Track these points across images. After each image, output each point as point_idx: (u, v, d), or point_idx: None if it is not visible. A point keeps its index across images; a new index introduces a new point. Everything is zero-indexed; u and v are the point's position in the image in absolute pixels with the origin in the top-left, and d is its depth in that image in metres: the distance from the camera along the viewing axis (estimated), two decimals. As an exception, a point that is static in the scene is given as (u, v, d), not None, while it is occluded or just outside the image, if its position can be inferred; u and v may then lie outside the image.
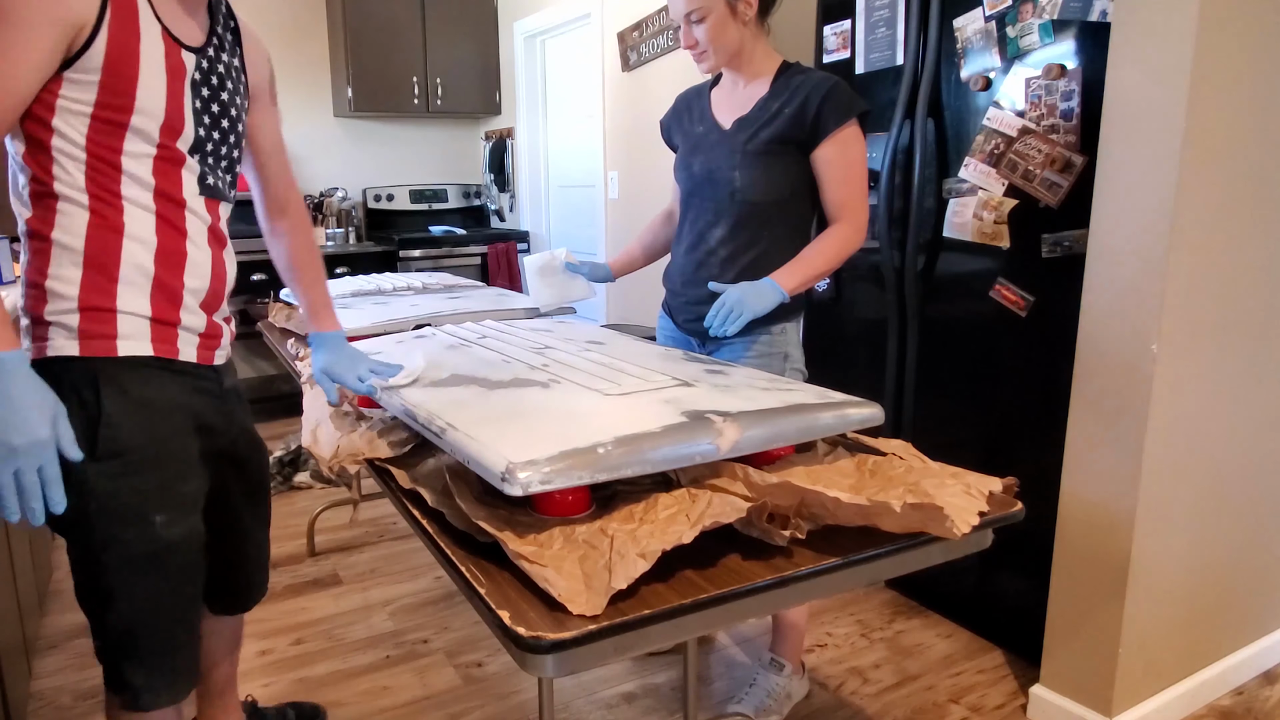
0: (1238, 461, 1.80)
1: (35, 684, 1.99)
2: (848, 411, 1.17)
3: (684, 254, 1.74)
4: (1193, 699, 1.85)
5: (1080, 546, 1.72)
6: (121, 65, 1.04)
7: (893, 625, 2.24)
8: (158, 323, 1.13)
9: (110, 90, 1.05)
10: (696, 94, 1.78)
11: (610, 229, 3.83)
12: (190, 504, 1.18)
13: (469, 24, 4.55)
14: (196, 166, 1.16)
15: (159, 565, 1.14)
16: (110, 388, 1.08)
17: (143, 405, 1.11)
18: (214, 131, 1.18)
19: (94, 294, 1.08)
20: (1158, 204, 1.53)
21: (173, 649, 1.19)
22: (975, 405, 2.07)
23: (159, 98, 1.08)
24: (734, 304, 1.50)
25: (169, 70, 1.09)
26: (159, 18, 1.08)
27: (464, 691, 1.97)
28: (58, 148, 1.06)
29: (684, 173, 1.73)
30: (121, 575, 1.12)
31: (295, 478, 3.32)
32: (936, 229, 2.09)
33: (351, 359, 1.37)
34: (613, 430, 1.01)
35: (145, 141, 1.09)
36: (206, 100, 1.16)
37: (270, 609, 2.35)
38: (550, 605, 0.86)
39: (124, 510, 1.10)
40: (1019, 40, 1.86)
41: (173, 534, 1.14)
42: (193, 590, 1.21)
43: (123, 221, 1.09)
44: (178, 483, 1.15)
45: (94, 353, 1.08)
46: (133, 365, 1.10)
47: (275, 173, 1.40)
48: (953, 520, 0.96)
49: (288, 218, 1.43)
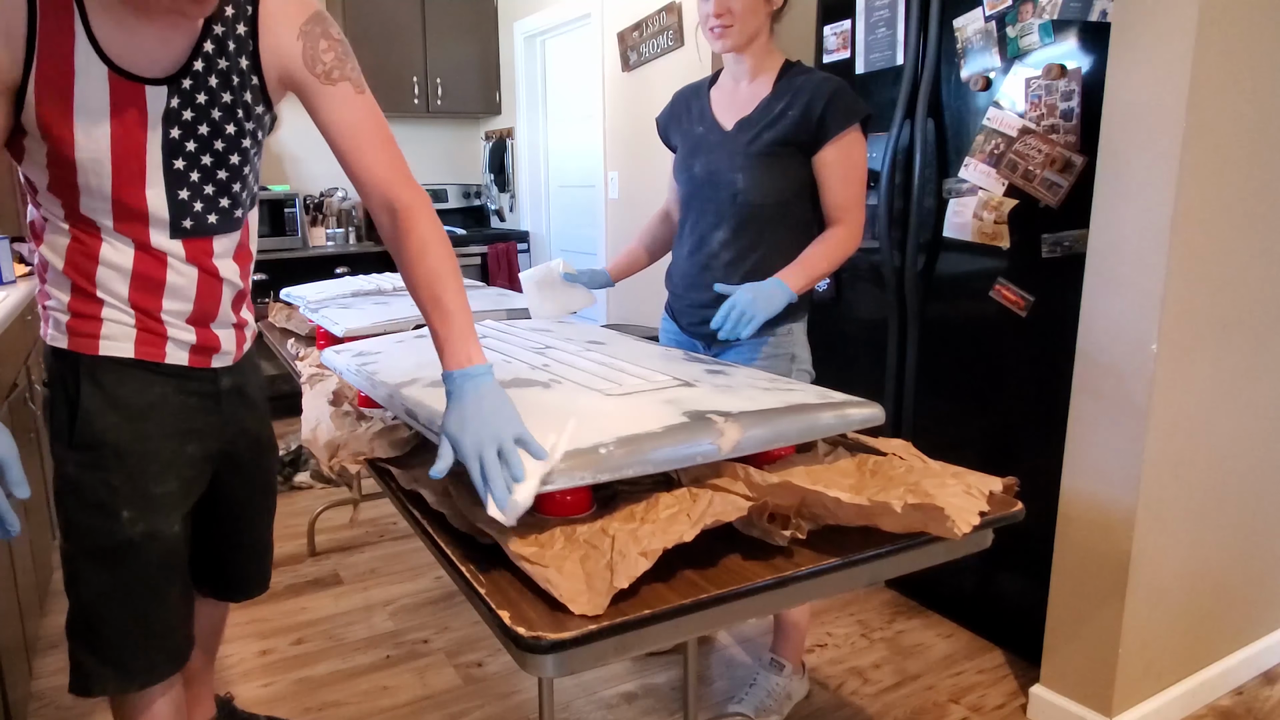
0: (1238, 461, 1.80)
1: (35, 684, 1.99)
2: (848, 412, 1.17)
3: (686, 257, 1.73)
4: (1193, 699, 1.86)
5: (1080, 546, 1.72)
6: (52, 120, 0.94)
7: (893, 625, 2.24)
8: (143, 330, 1.11)
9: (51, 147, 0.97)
10: (694, 93, 1.75)
11: (610, 229, 3.83)
12: (161, 505, 1.15)
13: (469, 24, 4.55)
14: (166, 215, 1.06)
15: (118, 560, 1.13)
16: (89, 383, 1.09)
17: (118, 404, 1.11)
18: (200, 160, 1.07)
19: (79, 303, 1.10)
20: (1158, 204, 1.53)
21: (123, 642, 1.17)
22: (975, 405, 2.07)
23: (98, 146, 0.97)
24: (745, 306, 1.48)
25: (114, 110, 0.97)
26: (104, 56, 0.96)
27: (464, 691, 1.97)
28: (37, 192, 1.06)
29: (684, 174, 1.71)
30: (80, 562, 1.14)
31: (295, 478, 3.31)
32: (936, 229, 2.09)
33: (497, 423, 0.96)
34: (614, 430, 1.01)
35: (99, 198, 1.02)
36: (189, 126, 1.04)
37: (270, 609, 2.35)
38: (550, 605, 0.86)
39: (91, 501, 1.11)
40: (1019, 40, 1.86)
41: (136, 531, 1.13)
42: (155, 589, 1.17)
43: (99, 251, 1.06)
44: (149, 483, 1.14)
45: (79, 349, 1.10)
46: (114, 365, 1.11)
47: (364, 165, 1.10)
48: (953, 520, 0.96)
49: (399, 222, 1.09)
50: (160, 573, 1.18)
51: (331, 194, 4.57)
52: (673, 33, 3.17)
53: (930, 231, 2.11)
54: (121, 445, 1.11)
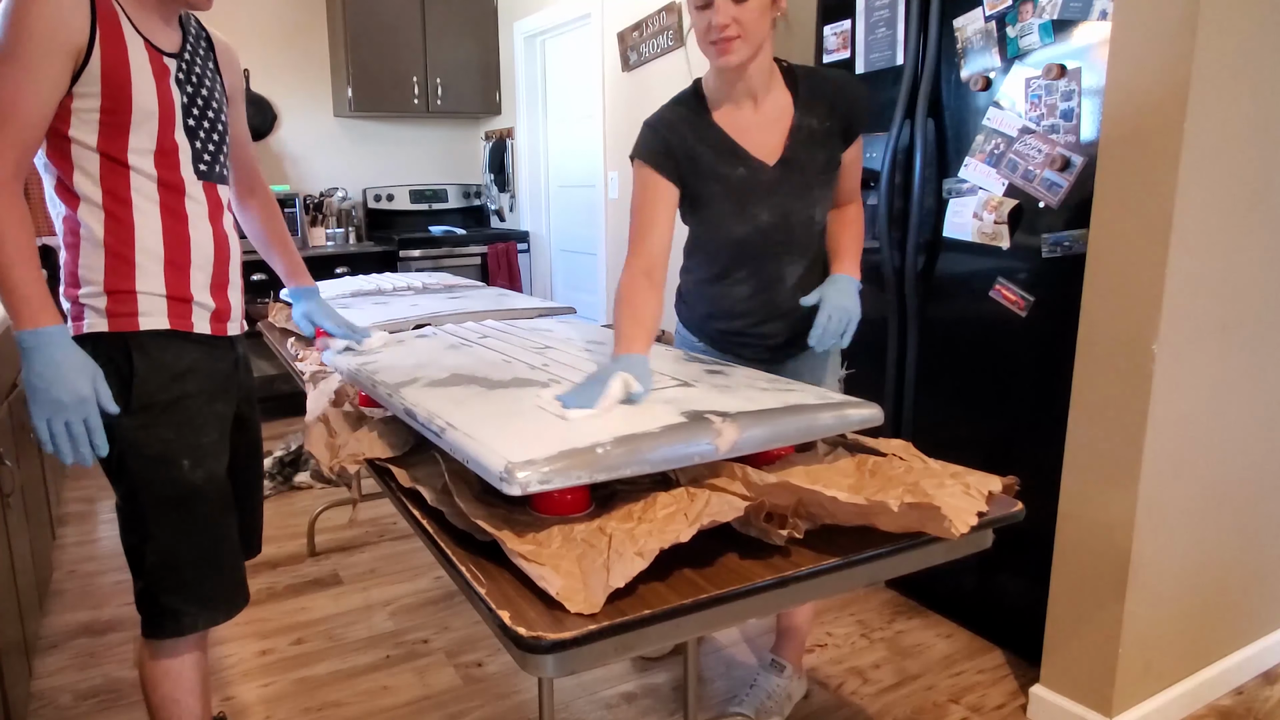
0: (1238, 461, 1.80)
1: (35, 684, 1.99)
2: (847, 412, 1.17)
3: (749, 297, 1.60)
4: (1193, 699, 1.85)
5: (1080, 546, 1.72)
6: (115, 73, 1.21)
7: (893, 625, 2.24)
8: (173, 299, 1.30)
9: (111, 96, 1.22)
10: (690, 128, 1.52)
11: (610, 229, 3.83)
12: (210, 452, 1.34)
13: (469, 24, 4.55)
14: (189, 152, 1.32)
15: (187, 504, 1.32)
16: (139, 353, 1.27)
17: (164, 367, 1.29)
18: (202, 121, 1.34)
19: (116, 279, 1.26)
20: (1158, 204, 1.53)
21: (204, 578, 1.35)
22: (975, 405, 2.07)
23: (151, 96, 1.25)
24: (839, 313, 1.46)
25: (155, 73, 1.26)
26: (139, 31, 1.25)
27: (464, 691, 1.97)
28: (75, 154, 1.23)
29: (742, 225, 1.54)
30: (155, 513, 1.30)
31: (295, 478, 3.31)
32: (936, 229, 2.09)
33: (328, 310, 1.68)
34: (612, 430, 1.01)
35: (146, 136, 1.26)
36: (191, 96, 1.32)
37: (270, 609, 2.35)
38: (550, 605, 0.86)
39: (153, 456, 1.28)
40: (1019, 40, 1.86)
41: (196, 477, 1.32)
42: (220, 528, 1.37)
43: (132, 216, 1.26)
44: (198, 434, 1.32)
45: (120, 328, 1.26)
46: (154, 336, 1.28)
47: (246, 159, 1.60)
48: (950, 520, 0.96)
49: (256, 197, 1.65)
50: (222, 514, 1.37)
51: (331, 194, 4.57)
52: (672, 33, 3.18)
53: (930, 231, 2.10)
54: (170, 402, 1.29)
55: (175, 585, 1.33)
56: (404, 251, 4.35)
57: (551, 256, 4.58)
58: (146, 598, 1.34)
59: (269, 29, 4.40)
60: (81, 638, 2.19)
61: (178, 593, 1.33)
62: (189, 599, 1.34)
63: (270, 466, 3.25)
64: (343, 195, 4.61)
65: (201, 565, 1.35)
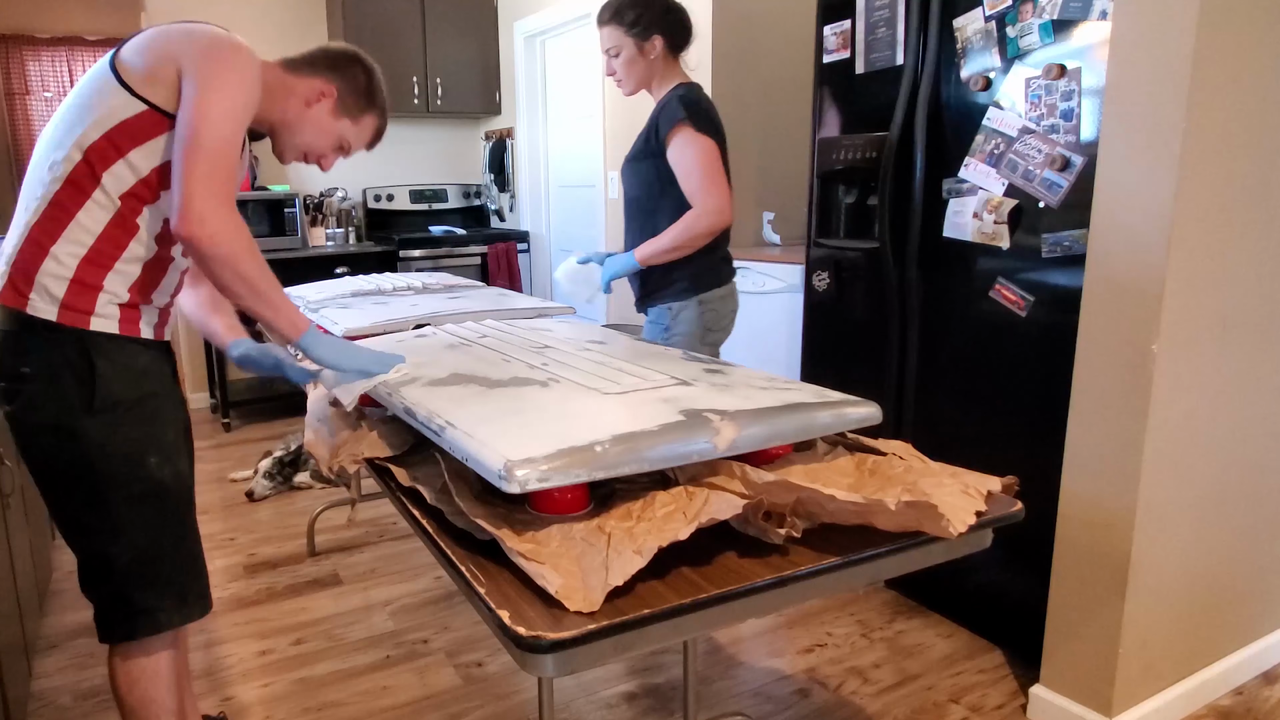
0: (1238, 461, 1.80)
1: (35, 684, 1.99)
2: (845, 410, 1.17)
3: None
4: (1193, 699, 1.85)
5: (1080, 546, 1.72)
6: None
7: (893, 625, 2.24)
8: (127, 307, 1.31)
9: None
10: None
11: (610, 229, 3.83)
12: (174, 449, 1.35)
13: (469, 24, 4.56)
14: None
15: (158, 500, 1.32)
16: (97, 352, 1.27)
17: (125, 366, 1.30)
18: None
19: (88, 271, 1.25)
20: (1158, 204, 1.53)
21: (179, 572, 1.36)
22: (975, 405, 2.07)
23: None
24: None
25: None
26: None
27: (464, 691, 1.97)
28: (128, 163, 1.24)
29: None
30: (128, 511, 1.30)
31: (295, 478, 3.31)
32: (936, 229, 2.09)
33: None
34: (610, 429, 1.01)
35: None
36: None
37: (270, 609, 2.35)
38: (550, 605, 0.86)
39: (122, 455, 1.28)
40: (1019, 40, 1.86)
41: (164, 474, 1.32)
42: (189, 524, 1.39)
43: (137, 225, 1.28)
44: (161, 431, 1.33)
45: (69, 323, 1.25)
46: (108, 338, 1.29)
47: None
48: (948, 519, 0.96)
49: None
50: (189, 510, 1.39)
51: (331, 194, 4.57)
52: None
53: (930, 231, 2.10)
54: (136, 401, 1.30)
55: (151, 581, 1.33)
56: (404, 251, 4.35)
57: (551, 257, 4.58)
58: (118, 600, 1.33)
59: (269, 28, 4.40)
60: (81, 638, 2.19)
61: (153, 589, 1.33)
62: (164, 594, 1.34)
63: (270, 466, 3.25)
64: (343, 195, 4.61)
65: (176, 560, 1.36)
